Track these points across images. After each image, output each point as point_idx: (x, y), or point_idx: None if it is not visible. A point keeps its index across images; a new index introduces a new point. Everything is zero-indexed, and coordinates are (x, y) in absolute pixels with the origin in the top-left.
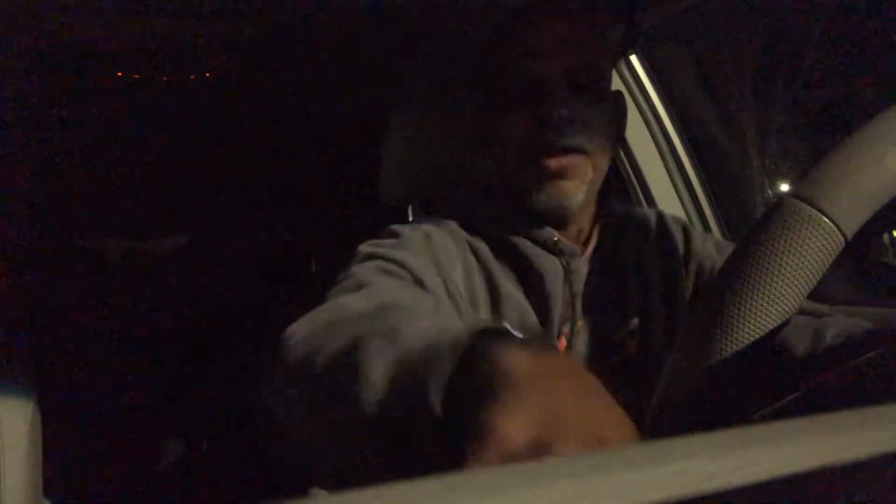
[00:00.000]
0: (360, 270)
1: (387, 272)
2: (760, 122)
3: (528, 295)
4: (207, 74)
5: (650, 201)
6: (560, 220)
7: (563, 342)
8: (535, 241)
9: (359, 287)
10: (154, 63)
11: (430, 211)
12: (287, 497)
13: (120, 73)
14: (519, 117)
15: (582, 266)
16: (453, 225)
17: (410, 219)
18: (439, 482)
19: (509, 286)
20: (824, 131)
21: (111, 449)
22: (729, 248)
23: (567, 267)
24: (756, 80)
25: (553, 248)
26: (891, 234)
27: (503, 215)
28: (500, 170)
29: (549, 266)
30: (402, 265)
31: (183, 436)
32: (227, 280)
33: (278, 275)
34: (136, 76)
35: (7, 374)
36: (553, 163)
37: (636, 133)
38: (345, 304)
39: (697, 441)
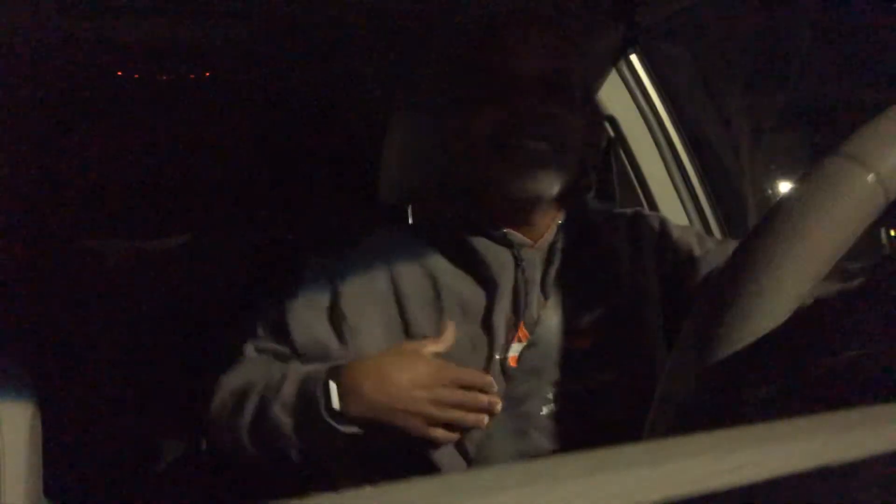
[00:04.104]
0: (244, 363)
1: (267, 351)
2: (760, 121)
3: (479, 285)
4: (207, 74)
5: (650, 201)
6: (517, 213)
7: (522, 328)
8: (487, 236)
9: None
10: (154, 63)
11: (425, 209)
12: (286, 497)
13: (120, 73)
14: (493, 111)
15: (535, 256)
16: (395, 240)
17: (410, 218)
18: (439, 482)
19: (455, 281)
20: (823, 131)
21: (111, 449)
22: (711, 241)
23: (518, 255)
24: (755, 80)
25: (503, 241)
26: (889, 233)
27: (459, 214)
28: (466, 162)
29: (498, 257)
30: (286, 339)
31: (183, 436)
32: (227, 280)
33: (278, 275)
34: (137, 76)
35: (7, 374)
36: (521, 154)
37: (636, 133)
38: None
39: (697, 441)
